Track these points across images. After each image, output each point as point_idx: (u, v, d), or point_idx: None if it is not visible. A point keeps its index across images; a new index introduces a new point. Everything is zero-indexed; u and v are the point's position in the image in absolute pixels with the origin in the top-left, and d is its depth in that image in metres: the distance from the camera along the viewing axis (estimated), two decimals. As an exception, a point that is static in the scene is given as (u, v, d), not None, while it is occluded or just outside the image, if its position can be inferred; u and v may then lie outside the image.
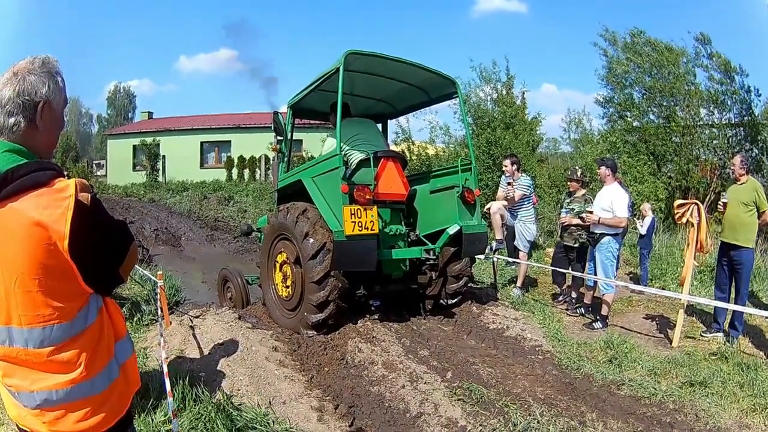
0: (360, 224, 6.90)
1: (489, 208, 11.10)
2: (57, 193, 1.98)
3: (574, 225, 9.61)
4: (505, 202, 10.75)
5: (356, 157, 7.87)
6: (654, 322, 9.08)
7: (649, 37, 20.59)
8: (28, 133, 2.13)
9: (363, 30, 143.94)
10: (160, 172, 37.83)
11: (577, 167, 10.52)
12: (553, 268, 10.11)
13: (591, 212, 8.89)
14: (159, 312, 6.79)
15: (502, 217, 10.90)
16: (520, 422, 5.27)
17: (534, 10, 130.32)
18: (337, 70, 7.20)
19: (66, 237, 1.93)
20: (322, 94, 8.56)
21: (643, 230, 12.07)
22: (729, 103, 19.48)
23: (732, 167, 8.32)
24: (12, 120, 2.09)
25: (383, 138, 9.72)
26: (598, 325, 8.84)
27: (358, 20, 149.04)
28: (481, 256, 10.39)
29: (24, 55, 2.23)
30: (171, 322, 7.38)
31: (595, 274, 9.09)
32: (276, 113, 8.89)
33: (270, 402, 5.50)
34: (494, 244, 10.90)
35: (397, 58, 7.85)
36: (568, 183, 10.27)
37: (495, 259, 11.11)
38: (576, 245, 9.68)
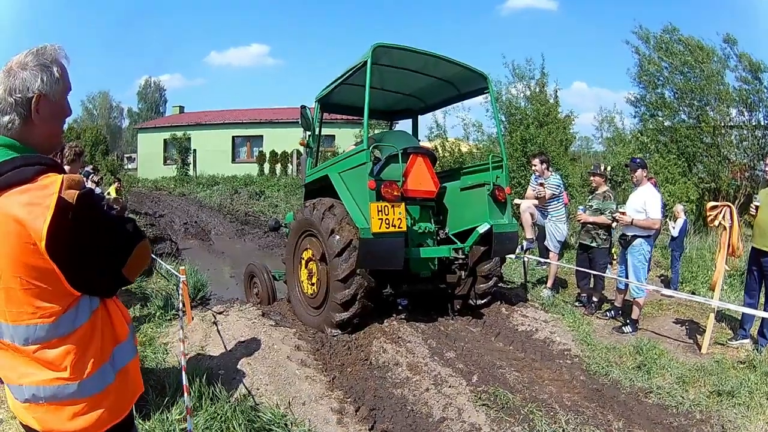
0: (387, 221, 6.75)
1: (518, 206, 10.94)
2: (40, 190, 1.92)
3: (591, 223, 9.45)
4: (535, 201, 10.58)
5: (386, 152, 7.73)
6: (684, 327, 8.87)
7: (681, 35, 20.31)
8: (25, 129, 2.08)
9: (390, 26, 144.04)
10: (191, 165, 38.06)
11: (600, 163, 10.33)
12: (578, 268, 9.91)
13: (624, 213, 8.66)
14: (181, 307, 6.72)
15: (532, 215, 10.74)
16: (545, 430, 5.15)
17: (563, 7, 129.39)
18: (365, 63, 7.06)
19: (43, 238, 1.87)
20: (350, 88, 8.45)
21: (675, 232, 11.82)
22: (758, 103, 19.17)
23: (765, 169, 8.06)
24: (6, 118, 2.04)
25: (417, 141, 9.58)
26: (628, 329, 8.64)
27: (385, 16, 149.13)
28: (512, 256, 10.24)
29: (34, 46, 2.15)
30: (193, 318, 7.34)
31: (627, 277, 8.87)
32: (304, 107, 8.78)
33: (289, 403, 5.42)
34: (525, 243, 10.75)
35: (426, 51, 7.71)
36: (591, 178, 10.09)
37: (525, 259, 10.92)
38: (593, 244, 9.49)
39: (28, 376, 2.07)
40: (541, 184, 10.42)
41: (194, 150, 38.45)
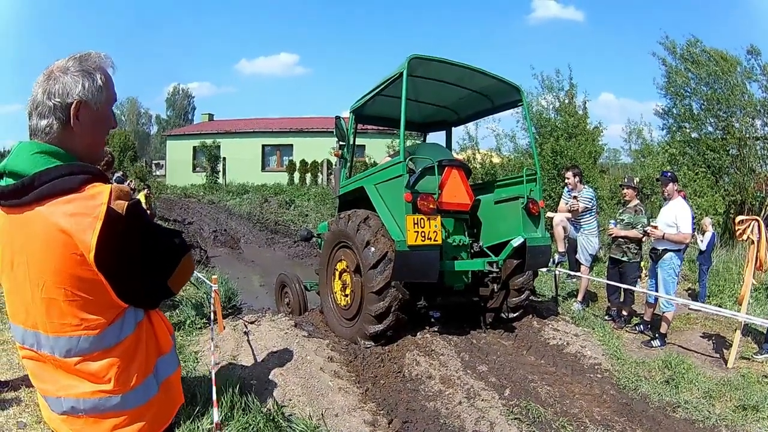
0: (423, 234, 6.75)
1: (551, 219, 10.89)
2: (87, 200, 1.88)
3: (622, 237, 9.38)
4: (568, 214, 10.53)
5: (421, 165, 7.72)
6: (711, 341, 8.85)
7: (705, 47, 20.21)
8: (64, 135, 2.02)
9: (417, 35, 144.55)
10: (221, 173, 38.19)
11: (631, 175, 10.26)
12: (608, 282, 9.84)
13: (656, 227, 8.61)
14: (212, 316, 6.73)
15: (564, 229, 10.69)
16: (576, 445, 5.12)
17: (590, 18, 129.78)
18: (401, 74, 7.08)
19: (92, 249, 1.83)
20: (385, 99, 8.45)
21: (703, 246, 11.72)
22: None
23: None
24: (44, 122, 2.00)
25: (451, 154, 9.55)
26: (656, 343, 8.59)
27: (412, 25, 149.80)
28: (544, 269, 10.20)
29: (78, 52, 2.13)
30: (224, 327, 7.38)
31: (656, 291, 8.81)
32: (338, 118, 8.81)
33: (322, 414, 5.41)
34: (557, 256, 10.69)
35: (461, 63, 7.71)
36: (623, 191, 10.01)
37: (557, 272, 10.86)
38: (624, 258, 9.41)
39: (68, 388, 2.02)
40: (574, 198, 10.38)
41: (224, 158, 38.58)
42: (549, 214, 11.10)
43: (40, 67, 2.08)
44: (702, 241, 11.72)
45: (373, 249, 6.92)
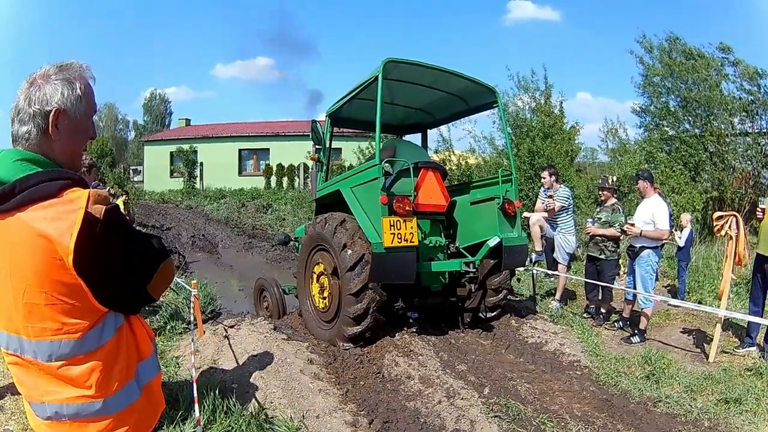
0: (399, 236, 6.80)
1: (528, 219, 10.97)
2: (66, 205, 1.91)
3: (599, 236, 9.49)
4: (545, 214, 10.61)
5: (397, 167, 7.77)
6: (691, 336, 8.94)
7: (684, 45, 20.40)
8: (43, 142, 2.06)
9: (393, 38, 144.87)
10: (198, 178, 38.08)
11: (607, 176, 10.35)
12: (586, 280, 9.95)
13: (632, 224, 8.72)
14: (192, 321, 6.75)
15: (541, 228, 10.78)
16: (557, 440, 5.18)
17: (567, 18, 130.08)
18: (376, 78, 7.14)
19: (71, 252, 1.85)
20: (361, 103, 8.51)
21: (681, 242, 11.79)
22: (759, 111, 19.23)
23: None
24: (24, 129, 2.04)
25: (428, 156, 9.62)
26: (636, 339, 8.69)
27: (388, 28, 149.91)
28: (521, 269, 10.27)
29: (60, 61, 2.15)
30: (205, 332, 7.37)
31: (634, 288, 8.92)
32: (314, 122, 8.86)
33: (303, 416, 5.44)
34: (534, 255, 10.77)
35: (436, 66, 7.77)
36: (599, 192, 10.13)
37: (534, 272, 10.94)
38: (602, 256, 9.52)
39: (51, 393, 2.04)
40: (550, 197, 10.46)
41: (201, 163, 38.46)
42: (525, 213, 11.18)
43: (9, 74, 2.09)
44: (680, 237, 11.80)
45: (350, 251, 6.96)
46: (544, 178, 10.80)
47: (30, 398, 2.09)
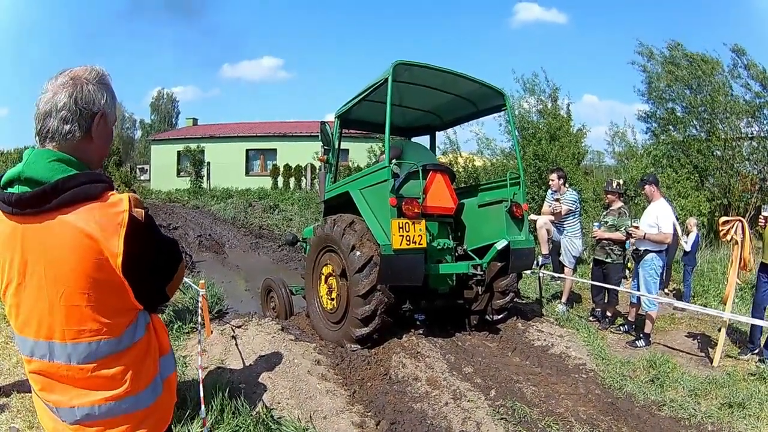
0: (408, 238, 6.83)
1: (535, 222, 10.97)
2: (110, 208, 1.94)
3: (606, 239, 9.52)
4: (551, 217, 10.62)
5: (406, 169, 7.79)
6: (696, 340, 8.95)
7: (685, 50, 20.38)
8: (82, 143, 2.08)
9: (400, 40, 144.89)
10: (205, 178, 38.09)
11: (612, 179, 10.37)
12: (593, 283, 9.97)
13: (637, 227, 8.75)
14: (200, 321, 6.78)
15: (548, 231, 10.77)
16: (562, 444, 5.20)
17: (573, 20, 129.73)
18: (386, 80, 7.16)
19: (120, 254, 1.90)
20: (370, 104, 8.54)
21: (687, 246, 11.82)
22: (766, 113, 19.19)
23: None
24: (67, 127, 2.03)
25: (435, 158, 9.64)
26: (641, 343, 8.71)
27: (395, 29, 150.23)
28: (528, 272, 10.28)
29: (69, 58, 2.16)
30: (212, 332, 7.38)
31: (639, 291, 8.93)
32: (323, 123, 8.87)
33: (311, 416, 5.46)
34: (540, 258, 10.77)
35: (446, 69, 7.79)
36: (605, 196, 10.16)
37: (541, 275, 10.94)
38: (608, 260, 9.56)
39: (82, 396, 2.04)
40: (557, 200, 10.47)
41: (208, 162, 38.47)
42: (532, 216, 11.17)
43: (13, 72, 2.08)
44: (686, 242, 11.81)
45: (358, 253, 6.97)
46: (552, 180, 10.77)
47: (57, 404, 2.07)
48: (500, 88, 8.50)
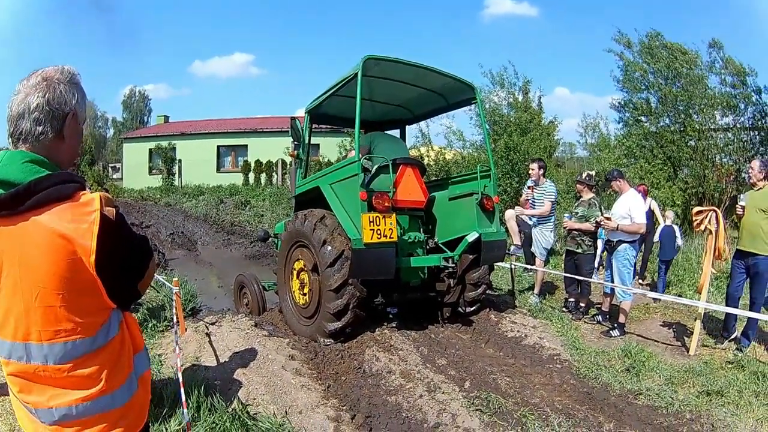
0: (379, 232, 6.84)
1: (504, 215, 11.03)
2: (82, 207, 1.96)
3: (576, 230, 9.60)
4: (522, 210, 10.68)
5: (376, 163, 7.80)
6: (671, 329, 9.04)
7: (664, 40, 20.44)
8: (54, 143, 2.10)
9: (371, 35, 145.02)
10: (177, 175, 37.92)
11: (584, 171, 10.44)
12: (565, 275, 10.07)
13: (609, 218, 8.80)
14: (174, 319, 6.76)
15: (517, 224, 10.82)
16: (538, 433, 5.22)
17: (545, 14, 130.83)
18: (356, 75, 7.15)
19: (93, 252, 1.91)
20: (340, 99, 8.51)
21: (656, 237, 11.95)
22: (742, 106, 19.40)
23: (749, 171, 8.16)
24: (40, 128, 2.05)
25: (407, 149, 9.68)
26: (615, 333, 8.78)
27: (367, 24, 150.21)
28: (501, 263, 10.33)
29: (42, 57, 2.17)
30: (186, 329, 7.36)
31: (612, 282, 9.01)
32: (293, 119, 8.85)
33: (286, 411, 5.45)
34: (512, 248, 10.82)
35: (416, 63, 7.79)
36: (576, 186, 10.21)
37: (513, 266, 10.99)
38: (579, 250, 9.64)
39: (59, 396, 2.07)
40: (530, 188, 10.53)
41: (179, 160, 38.29)
42: (508, 213, 11.22)
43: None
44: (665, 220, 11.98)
45: (329, 247, 6.98)
46: (532, 170, 10.74)
47: (35, 405, 2.09)
48: (470, 82, 8.54)
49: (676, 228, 11.80)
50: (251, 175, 36.79)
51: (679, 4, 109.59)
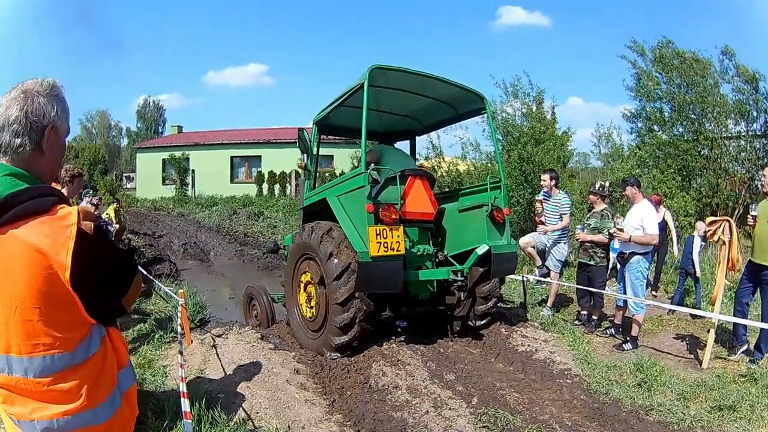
0: (386, 245, 6.76)
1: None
2: (59, 221, 1.94)
3: (588, 242, 9.50)
4: (535, 236, 10.59)
5: (384, 175, 7.74)
6: (684, 342, 8.94)
7: (676, 48, 20.38)
8: (33, 156, 2.09)
9: (382, 45, 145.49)
10: (190, 186, 38.05)
11: (596, 182, 10.34)
12: (577, 287, 9.94)
13: (621, 230, 8.67)
14: (179, 330, 6.72)
15: (533, 247, 10.73)
16: (546, 451, 5.13)
17: (557, 23, 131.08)
18: (362, 85, 7.09)
19: (67, 267, 1.88)
20: (348, 110, 8.42)
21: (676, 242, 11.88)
22: (755, 113, 19.31)
23: (762, 180, 8.05)
24: (18, 141, 2.05)
25: (414, 162, 9.60)
26: (628, 346, 8.65)
27: (379, 33, 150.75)
28: (514, 276, 10.23)
29: (49, 68, 2.17)
30: (192, 341, 7.32)
31: (625, 294, 8.88)
32: (301, 130, 8.79)
33: (289, 427, 5.38)
34: (537, 271, 10.73)
35: (424, 72, 7.73)
36: (588, 197, 10.11)
37: (525, 279, 10.88)
38: (591, 262, 9.56)
39: (41, 410, 2.05)
40: (540, 202, 10.43)
41: (193, 170, 38.45)
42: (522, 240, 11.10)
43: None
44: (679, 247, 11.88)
45: (336, 260, 6.91)
46: (544, 181, 10.68)
47: (19, 417, 2.07)
48: (479, 92, 8.43)
49: (697, 239, 11.64)
50: (265, 186, 36.91)
51: (690, 8, 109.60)
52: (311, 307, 7.69)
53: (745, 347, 7.92)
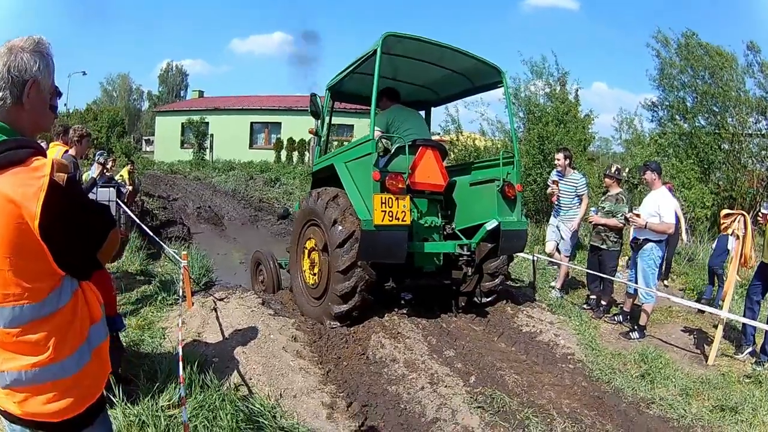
0: (390, 214, 6.64)
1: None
2: (32, 172, 1.98)
3: (602, 225, 9.34)
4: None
5: (395, 143, 7.61)
6: (692, 336, 8.79)
7: (700, 40, 20.31)
8: (14, 110, 2.12)
9: (412, 20, 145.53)
10: (208, 150, 38.11)
11: (612, 165, 10.16)
12: (588, 270, 9.80)
13: (638, 215, 8.49)
14: (181, 293, 6.67)
15: (558, 251, 10.59)
16: (540, 438, 5.03)
17: (585, 7, 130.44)
18: (374, 52, 6.98)
19: (37, 217, 1.92)
20: (361, 77, 8.34)
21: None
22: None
23: None
24: (0, 94, 2.08)
25: (428, 129, 9.49)
26: (635, 335, 8.51)
27: (407, 10, 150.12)
28: (524, 255, 10.12)
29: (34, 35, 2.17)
30: (193, 304, 7.28)
31: (636, 281, 8.74)
32: (314, 95, 8.68)
33: (280, 394, 5.34)
34: (553, 293, 10.55)
35: (439, 42, 7.61)
36: (604, 179, 9.98)
37: (535, 258, 10.74)
38: (603, 246, 9.39)
39: (10, 360, 2.09)
40: (555, 182, 10.27)
41: (211, 135, 38.52)
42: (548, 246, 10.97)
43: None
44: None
45: (340, 227, 6.82)
46: (558, 160, 10.50)
47: None
48: (497, 65, 8.28)
49: (731, 240, 11.44)
50: (283, 153, 36.92)
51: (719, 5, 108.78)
52: (314, 274, 7.62)
53: (751, 348, 7.79)
